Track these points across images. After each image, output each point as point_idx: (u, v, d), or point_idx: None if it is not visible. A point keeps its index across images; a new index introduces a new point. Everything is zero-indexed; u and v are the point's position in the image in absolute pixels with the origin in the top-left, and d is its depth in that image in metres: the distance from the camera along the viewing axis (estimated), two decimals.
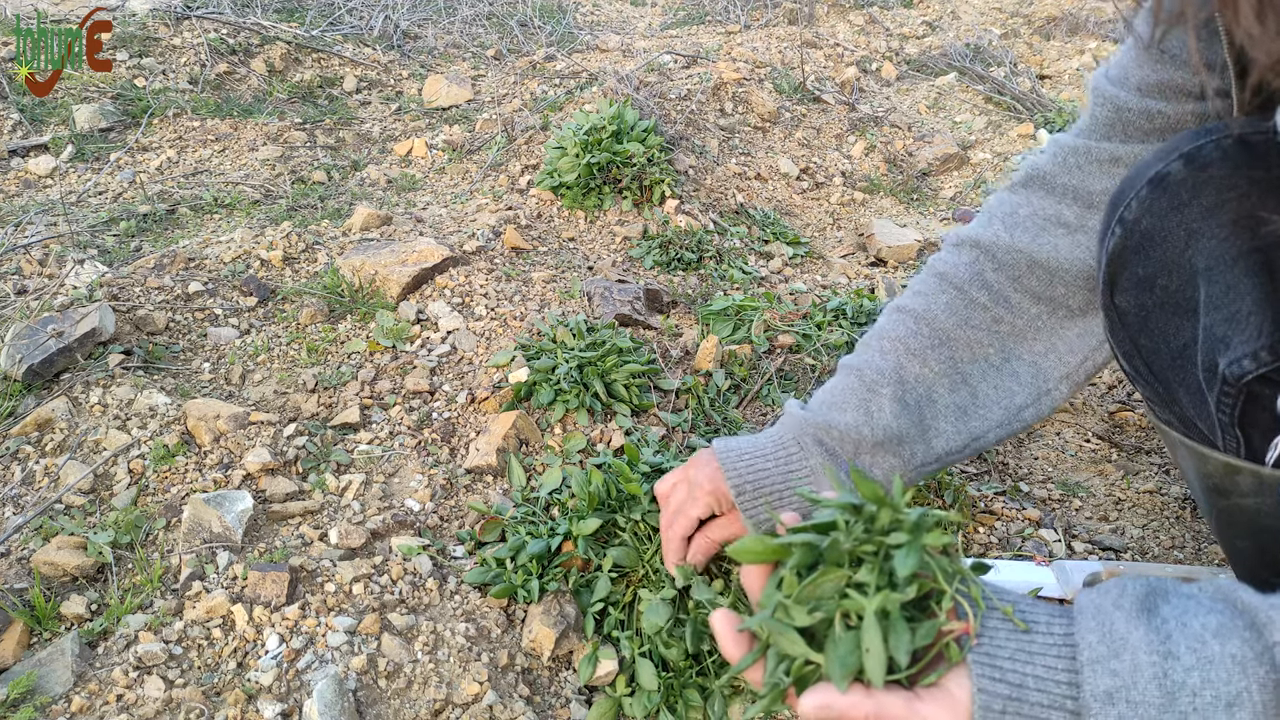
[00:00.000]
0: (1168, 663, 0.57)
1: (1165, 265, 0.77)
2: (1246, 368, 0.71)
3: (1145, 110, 0.87)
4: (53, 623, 1.06)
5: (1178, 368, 0.80)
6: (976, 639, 0.61)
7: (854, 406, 0.98)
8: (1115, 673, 0.58)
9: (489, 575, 1.16)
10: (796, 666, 0.62)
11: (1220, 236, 0.73)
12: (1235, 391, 0.73)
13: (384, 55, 3.26)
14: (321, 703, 0.95)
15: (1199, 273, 0.75)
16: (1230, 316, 0.72)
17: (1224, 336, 0.72)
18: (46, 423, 1.34)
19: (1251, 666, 0.56)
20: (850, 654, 0.59)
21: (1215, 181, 0.74)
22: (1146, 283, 0.79)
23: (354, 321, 1.71)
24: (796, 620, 0.62)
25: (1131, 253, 0.79)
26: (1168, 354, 0.81)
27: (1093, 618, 0.61)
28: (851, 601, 0.60)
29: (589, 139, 2.22)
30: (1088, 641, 0.60)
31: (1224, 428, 0.76)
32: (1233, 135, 0.74)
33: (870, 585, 0.60)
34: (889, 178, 2.82)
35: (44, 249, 1.87)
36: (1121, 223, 0.80)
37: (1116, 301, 0.83)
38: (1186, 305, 0.77)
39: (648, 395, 1.55)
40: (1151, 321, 0.81)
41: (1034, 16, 4.23)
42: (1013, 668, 0.60)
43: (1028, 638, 0.61)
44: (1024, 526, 1.40)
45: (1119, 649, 0.58)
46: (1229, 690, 0.56)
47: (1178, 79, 0.84)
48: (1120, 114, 0.89)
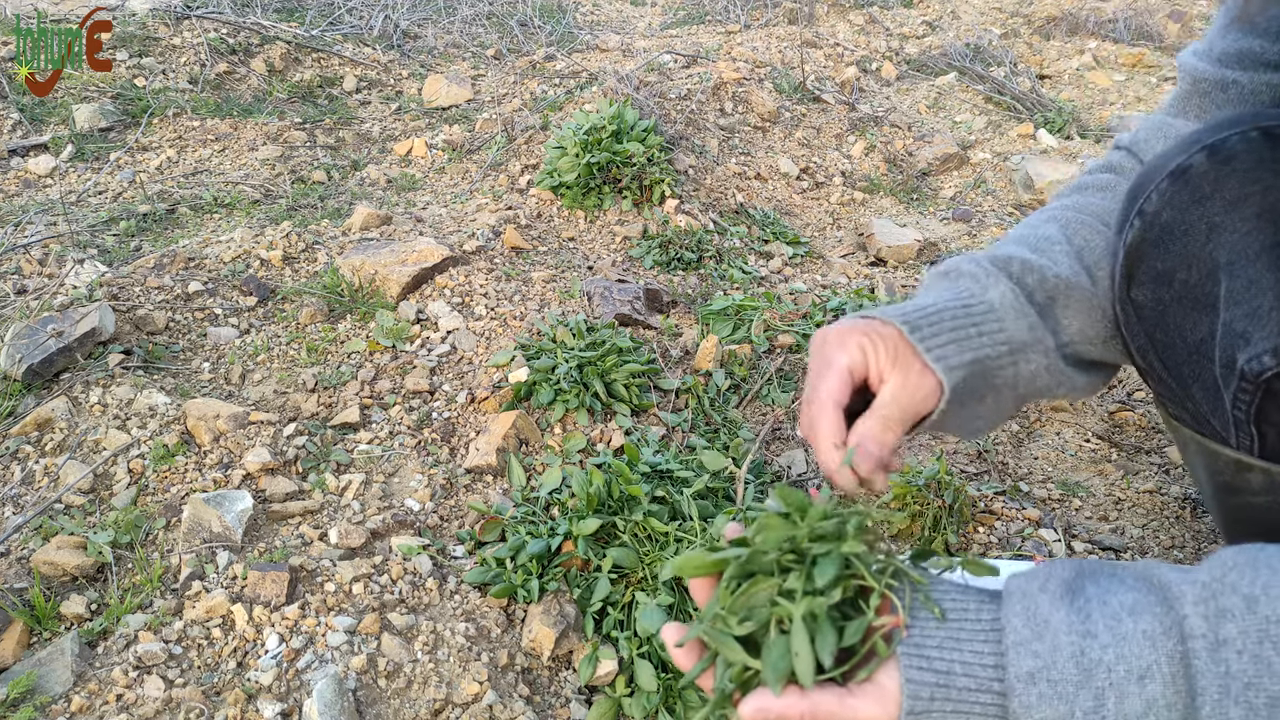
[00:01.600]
0: (1085, 641, 0.60)
1: (1185, 259, 0.76)
2: (1266, 364, 0.70)
3: (1220, 80, 0.86)
4: (53, 622, 1.06)
5: (1194, 363, 0.79)
6: (906, 631, 0.63)
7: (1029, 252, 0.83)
8: (1037, 654, 0.60)
9: (489, 575, 1.16)
10: (736, 673, 0.66)
11: (1243, 231, 0.72)
12: (1253, 388, 0.72)
13: (384, 55, 3.26)
14: (321, 702, 0.95)
15: (1220, 267, 0.74)
16: (1251, 312, 0.71)
17: (1244, 332, 0.71)
18: (46, 422, 1.34)
19: (1160, 640, 0.58)
20: (782, 658, 0.62)
21: (1239, 174, 0.73)
22: (1165, 277, 0.78)
23: (354, 321, 1.71)
24: (733, 629, 0.65)
25: (1150, 246, 0.78)
26: (1184, 349, 0.80)
27: (1019, 601, 0.64)
28: (781, 608, 0.64)
29: (589, 139, 2.22)
30: (1012, 625, 0.62)
31: (1239, 425, 0.76)
32: (1259, 127, 0.73)
33: (798, 591, 0.63)
34: (889, 177, 2.82)
35: (44, 249, 1.87)
36: (1141, 215, 0.78)
37: (1133, 295, 0.82)
38: (1206, 300, 0.76)
39: (648, 395, 1.55)
40: (1168, 316, 0.80)
41: (1034, 16, 4.23)
42: (940, 655, 0.62)
43: (956, 625, 0.63)
44: (1024, 526, 1.40)
45: (1041, 631, 0.61)
46: (1140, 664, 0.58)
47: (1257, 47, 0.84)
48: (1196, 85, 0.89)
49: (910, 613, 0.64)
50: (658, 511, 1.19)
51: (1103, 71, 3.64)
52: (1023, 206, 2.72)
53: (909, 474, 1.39)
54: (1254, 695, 0.56)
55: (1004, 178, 2.86)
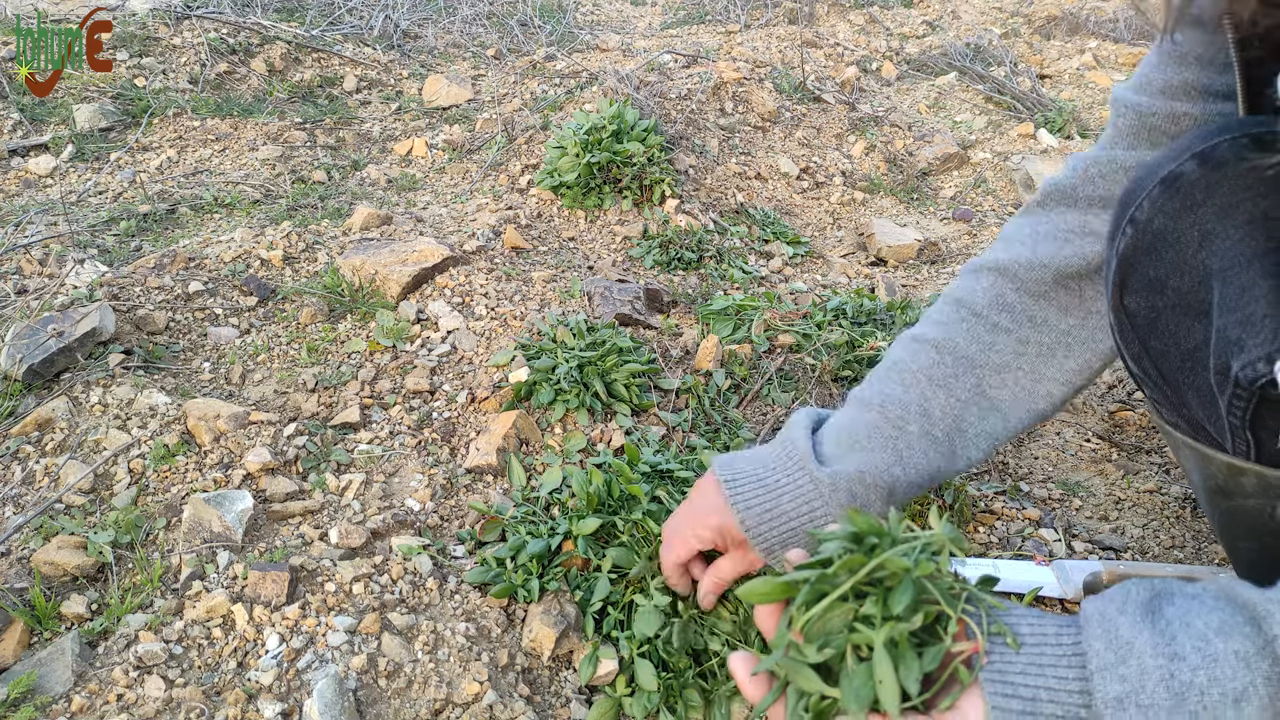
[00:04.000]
0: (1174, 664, 0.58)
1: (1177, 266, 0.76)
2: (1260, 371, 0.70)
3: (1170, 112, 0.86)
4: (53, 622, 1.06)
5: (1187, 370, 0.79)
6: (986, 657, 0.62)
7: (881, 447, 0.93)
8: (1124, 678, 0.58)
9: (489, 575, 1.16)
10: (814, 702, 0.64)
11: (1235, 237, 0.72)
12: (1248, 395, 0.72)
13: (384, 55, 3.26)
14: (321, 702, 0.95)
15: (1212, 274, 0.74)
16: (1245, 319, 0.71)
17: (1238, 339, 0.71)
18: (46, 422, 1.34)
19: (1255, 661, 0.57)
20: (864, 686, 0.61)
21: (1229, 181, 0.73)
22: (1157, 284, 0.78)
23: (354, 321, 1.71)
24: (809, 657, 0.63)
25: (1143, 254, 0.78)
26: (1178, 356, 0.80)
27: (1098, 625, 0.62)
28: (860, 635, 0.62)
29: (589, 138, 2.22)
30: (1095, 649, 0.60)
31: (1234, 430, 0.76)
32: (1248, 134, 0.73)
33: (876, 617, 0.62)
34: (889, 177, 2.82)
35: (44, 249, 1.87)
36: (1133, 223, 0.79)
37: (1126, 303, 0.82)
38: (1198, 307, 0.76)
39: (648, 395, 1.55)
40: (1162, 323, 0.80)
41: (1034, 16, 4.23)
42: (1024, 682, 0.61)
43: (1037, 651, 0.62)
44: (1024, 526, 1.40)
45: (1126, 654, 0.59)
46: (1235, 686, 0.56)
47: (1201, 79, 0.83)
48: (1144, 119, 0.88)
49: (988, 638, 0.62)
50: (657, 512, 1.19)
51: (1103, 71, 3.64)
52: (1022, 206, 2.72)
53: None
54: None
55: (1004, 177, 2.86)
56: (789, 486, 0.93)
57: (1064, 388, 0.96)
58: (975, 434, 0.95)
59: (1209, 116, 0.84)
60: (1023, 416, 0.96)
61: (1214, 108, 0.83)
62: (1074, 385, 0.96)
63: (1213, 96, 0.83)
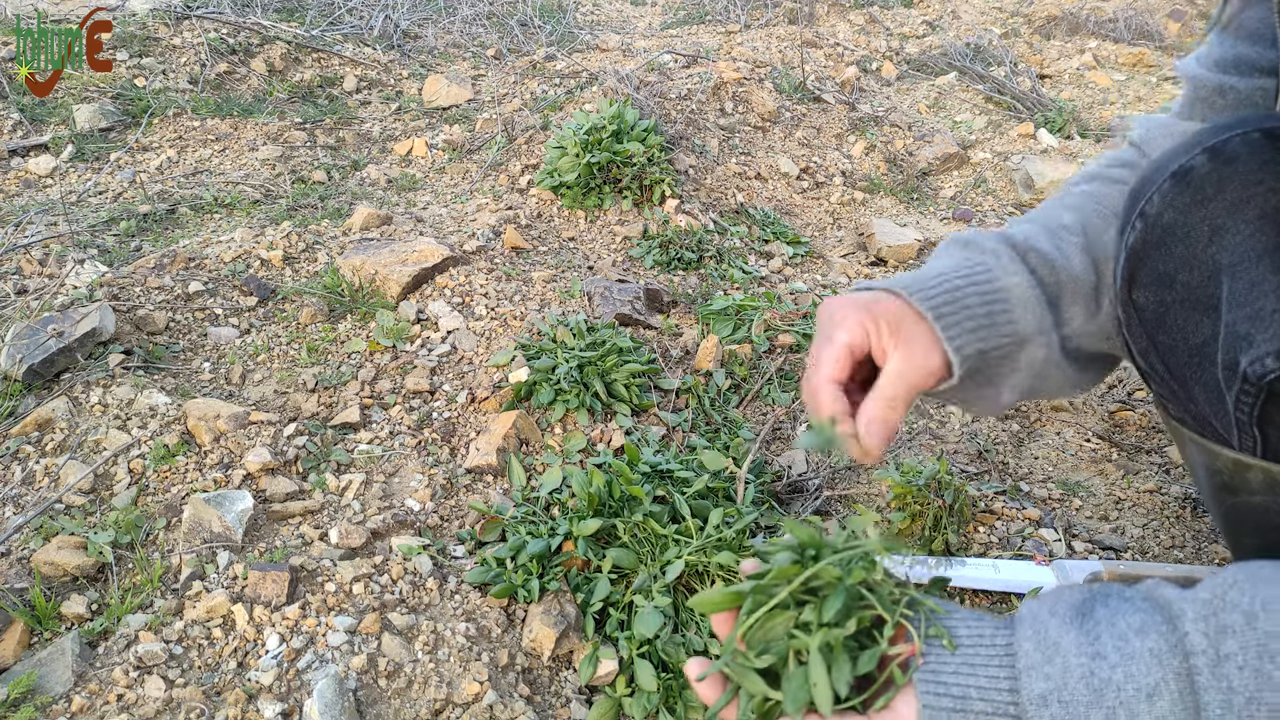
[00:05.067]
0: (1095, 662, 0.61)
1: (1187, 261, 0.76)
2: (1269, 367, 0.70)
3: (1219, 85, 0.88)
4: (53, 622, 1.06)
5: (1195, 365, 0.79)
6: (922, 659, 0.64)
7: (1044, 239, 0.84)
8: (1048, 676, 0.61)
9: (489, 575, 1.16)
10: (757, 704, 0.68)
11: (1245, 233, 0.72)
12: (1256, 390, 0.72)
13: (384, 55, 3.26)
14: (322, 702, 0.95)
15: (1222, 269, 0.74)
16: (1254, 314, 0.71)
17: (1247, 334, 0.71)
18: (47, 423, 1.34)
19: (1167, 658, 0.59)
20: (800, 688, 0.64)
21: (1241, 176, 0.73)
22: (1166, 278, 0.78)
23: (354, 321, 1.71)
24: (753, 662, 0.67)
25: (1152, 248, 0.78)
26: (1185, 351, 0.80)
27: (1030, 625, 0.65)
28: (798, 640, 0.65)
29: (589, 139, 2.22)
30: (1024, 649, 0.63)
31: (1241, 426, 0.76)
32: (1261, 129, 0.73)
33: (814, 623, 0.65)
34: (889, 177, 2.82)
35: (44, 249, 1.87)
36: (1143, 217, 0.78)
37: (1134, 297, 0.82)
38: (1207, 302, 0.76)
39: (648, 395, 1.55)
40: (1170, 318, 0.80)
41: (1034, 16, 4.23)
42: (956, 681, 0.63)
43: (972, 651, 0.65)
44: (1024, 526, 1.40)
45: (1052, 653, 0.62)
46: (1148, 682, 0.59)
47: (1250, 54, 0.85)
48: (1197, 90, 0.90)
49: (925, 640, 0.65)
50: (658, 512, 1.19)
51: (1103, 71, 3.64)
52: (1023, 206, 2.72)
53: (909, 474, 1.39)
54: (1256, 709, 0.56)
55: (1004, 177, 2.86)
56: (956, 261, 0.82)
57: None
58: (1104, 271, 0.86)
59: (1252, 91, 0.85)
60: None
61: (1257, 83, 0.85)
62: None
63: (1258, 72, 0.85)
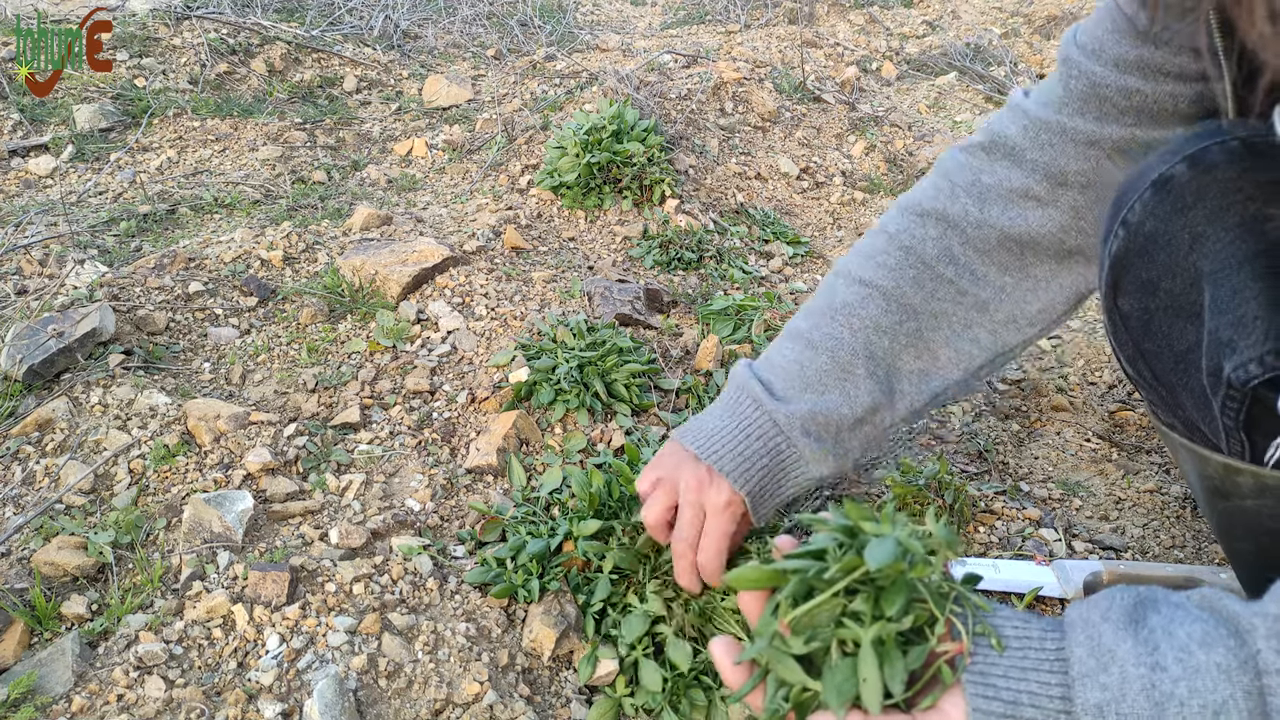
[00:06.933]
0: (1155, 674, 0.58)
1: (1169, 269, 0.77)
2: (1253, 373, 0.70)
3: (1123, 88, 0.85)
4: (53, 623, 1.06)
5: (1181, 371, 0.80)
6: (970, 659, 0.62)
7: (833, 388, 0.97)
8: (1105, 686, 0.59)
9: (489, 575, 1.16)
10: (795, 693, 0.64)
11: (1226, 240, 0.72)
12: (1241, 396, 0.72)
13: (384, 55, 3.26)
14: (322, 702, 0.95)
15: (1204, 276, 0.74)
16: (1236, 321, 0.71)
17: (1229, 341, 0.72)
18: (47, 423, 1.34)
19: (1236, 674, 0.56)
20: (847, 682, 0.61)
21: (1220, 184, 0.73)
22: (1150, 286, 0.79)
23: (354, 321, 1.71)
24: (794, 648, 0.63)
25: (1135, 256, 0.79)
26: (1171, 358, 0.80)
27: (1082, 630, 0.62)
28: (848, 630, 0.62)
29: (589, 139, 2.22)
30: (1078, 655, 0.60)
31: (1229, 432, 0.76)
32: (1238, 138, 0.73)
33: (866, 615, 0.62)
34: (889, 177, 2.82)
35: (44, 249, 1.87)
36: (1125, 225, 0.79)
37: (1119, 305, 0.83)
38: (1190, 309, 0.76)
39: (648, 395, 1.55)
40: (1155, 325, 0.80)
41: (1034, 16, 4.23)
42: (1006, 685, 0.61)
43: (1021, 654, 0.62)
44: (1024, 526, 1.40)
45: (1107, 662, 0.59)
46: (1215, 699, 0.56)
47: (1158, 59, 0.82)
48: (1096, 89, 0.87)
49: (972, 640, 0.62)
50: None
51: None
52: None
53: (909, 474, 1.39)
54: None
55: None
56: (752, 429, 0.97)
57: (990, 335, 0.99)
58: (909, 372, 1.00)
59: (1160, 96, 0.83)
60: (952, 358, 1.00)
61: (1166, 88, 0.83)
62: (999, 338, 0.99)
63: (1167, 77, 0.82)
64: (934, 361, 1.00)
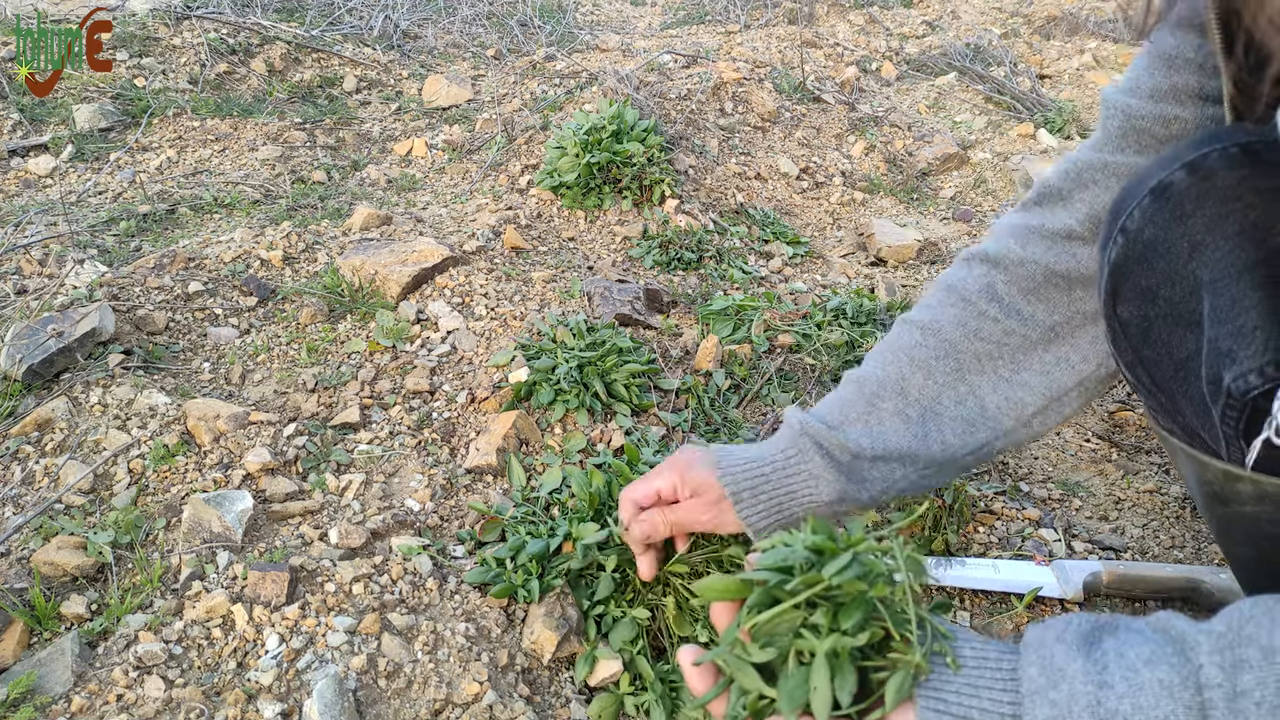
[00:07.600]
0: (1102, 691, 0.59)
1: (1168, 276, 0.76)
2: (1252, 383, 0.70)
3: (1160, 115, 0.85)
4: (53, 622, 1.06)
5: (1181, 379, 0.80)
6: (925, 676, 0.64)
7: (855, 419, 0.96)
8: (1054, 702, 0.60)
9: (489, 575, 1.16)
10: (751, 700, 0.66)
11: (1225, 249, 0.72)
12: (1240, 406, 0.72)
13: (384, 55, 3.26)
14: (321, 702, 0.95)
15: (1203, 285, 0.74)
16: (1235, 330, 0.71)
17: (1229, 350, 0.71)
18: (46, 423, 1.34)
19: (1178, 691, 0.58)
20: (798, 689, 0.63)
21: (1220, 192, 0.73)
22: (1149, 293, 0.79)
23: (354, 321, 1.71)
24: (753, 656, 0.65)
25: (1134, 263, 0.79)
26: (1170, 365, 0.80)
27: (1035, 651, 0.64)
28: (805, 641, 0.64)
29: (589, 139, 2.22)
30: (1029, 674, 0.62)
31: (1229, 440, 0.76)
32: (1238, 144, 0.73)
33: (824, 627, 0.64)
34: (889, 177, 2.82)
35: (44, 249, 1.87)
36: (1124, 232, 0.79)
37: (1119, 312, 0.82)
38: (1190, 317, 0.76)
39: (648, 395, 1.55)
40: (1154, 332, 0.80)
41: (1034, 16, 4.23)
42: (957, 701, 0.63)
43: (975, 673, 0.64)
44: (1024, 526, 1.40)
45: (1057, 680, 0.61)
46: (1157, 714, 0.58)
47: (1191, 83, 0.82)
48: (1132, 121, 0.87)
49: (930, 658, 0.64)
50: None
51: (1103, 71, 3.63)
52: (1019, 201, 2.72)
53: None
54: None
55: (1004, 178, 2.86)
56: (769, 449, 0.98)
57: (1040, 378, 0.96)
58: (951, 418, 0.97)
59: (1201, 120, 0.83)
60: (1001, 405, 0.96)
61: (1207, 111, 0.82)
62: (1051, 379, 0.96)
63: (1205, 100, 0.82)
64: (980, 408, 0.97)
